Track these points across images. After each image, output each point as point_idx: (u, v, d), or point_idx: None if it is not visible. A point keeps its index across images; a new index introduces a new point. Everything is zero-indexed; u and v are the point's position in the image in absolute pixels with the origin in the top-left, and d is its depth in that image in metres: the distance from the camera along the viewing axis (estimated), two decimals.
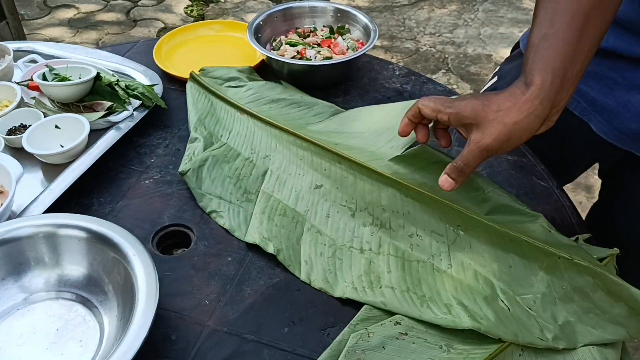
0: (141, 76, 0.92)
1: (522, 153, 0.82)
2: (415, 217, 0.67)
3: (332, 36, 0.97)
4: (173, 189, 0.76)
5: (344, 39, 0.96)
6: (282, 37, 0.98)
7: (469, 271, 0.61)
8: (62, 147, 0.78)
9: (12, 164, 0.73)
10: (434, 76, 2.42)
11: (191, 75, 0.89)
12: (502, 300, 0.58)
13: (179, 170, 0.75)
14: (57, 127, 0.81)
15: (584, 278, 0.58)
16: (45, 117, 0.82)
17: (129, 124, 0.82)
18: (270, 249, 0.66)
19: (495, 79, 0.94)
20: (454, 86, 2.37)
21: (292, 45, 0.94)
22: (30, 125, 0.82)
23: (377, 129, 0.75)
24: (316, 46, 0.95)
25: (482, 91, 0.93)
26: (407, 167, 0.70)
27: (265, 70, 0.97)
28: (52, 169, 0.78)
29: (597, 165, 0.89)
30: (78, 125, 0.80)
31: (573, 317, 0.57)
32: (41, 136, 0.79)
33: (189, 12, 2.87)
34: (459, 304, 0.58)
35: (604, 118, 0.73)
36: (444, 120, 0.60)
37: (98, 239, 0.61)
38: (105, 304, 0.61)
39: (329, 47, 0.94)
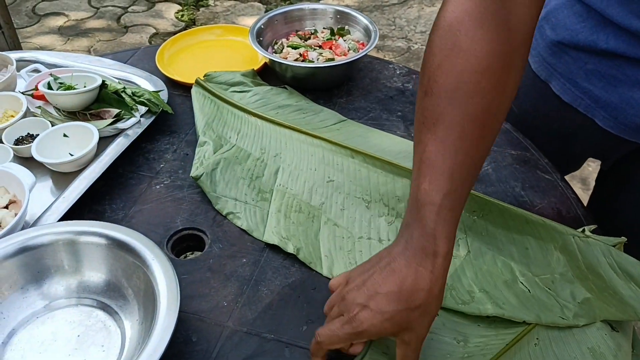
0: (146, 83, 0.92)
1: (525, 147, 0.84)
2: None
3: (333, 38, 0.98)
4: (184, 193, 0.77)
5: (344, 41, 0.97)
6: (284, 39, 0.99)
7: (487, 256, 0.63)
8: (72, 155, 0.78)
9: (24, 174, 0.73)
10: None
11: (196, 81, 0.90)
12: (522, 283, 0.60)
13: (192, 174, 0.76)
14: (65, 135, 0.81)
15: (597, 257, 0.60)
16: (52, 126, 0.82)
17: (137, 131, 0.83)
18: (290, 248, 0.67)
19: None
20: None
21: (294, 47, 0.95)
22: (37, 135, 0.82)
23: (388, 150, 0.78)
24: (318, 48, 0.96)
25: None
26: None
27: (268, 73, 0.98)
28: (61, 178, 0.79)
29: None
30: (86, 133, 0.80)
31: (591, 294, 0.59)
32: (50, 145, 0.80)
33: (179, 16, 2.87)
34: (481, 290, 0.60)
35: (608, 114, 0.74)
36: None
37: (117, 245, 0.62)
38: (125, 308, 0.62)
39: (330, 48, 0.95)
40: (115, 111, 0.85)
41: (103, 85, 0.87)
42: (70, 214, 0.71)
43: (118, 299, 0.62)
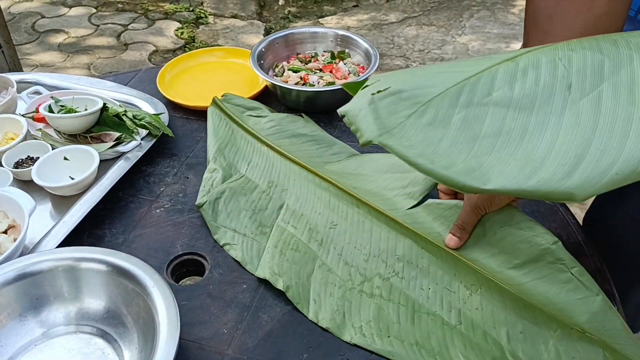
0: (146, 105, 0.93)
1: None
2: (429, 271, 0.66)
3: (333, 61, 0.99)
4: (184, 217, 0.77)
5: (345, 64, 0.98)
6: (284, 63, 1.00)
7: (479, 330, 0.60)
8: (72, 178, 0.78)
9: (24, 198, 0.73)
10: None
11: (213, 101, 0.89)
12: None
13: (197, 202, 0.76)
14: (65, 158, 0.81)
15: (595, 350, 0.57)
16: (52, 149, 0.82)
17: (137, 154, 0.83)
18: (280, 284, 0.66)
19: None
20: None
21: (295, 71, 0.95)
22: (37, 158, 0.82)
23: (389, 170, 0.77)
24: (318, 71, 0.96)
25: None
26: (425, 214, 0.70)
27: (269, 96, 0.98)
28: (61, 201, 0.79)
29: None
30: (86, 157, 0.80)
31: None
32: (50, 168, 0.80)
33: (179, 34, 2.89)
34: None
35: None
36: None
37: (117, 272, 0.61)
38: (125, 336, 0.61)
39: (331, 72, 0.96)
40: (116, 134, 0.85)
41: (104, 108, 0.87)
42: (70, 239, 0.71)
43: (117, 326, 0.62)
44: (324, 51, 1.02)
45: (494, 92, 0.37)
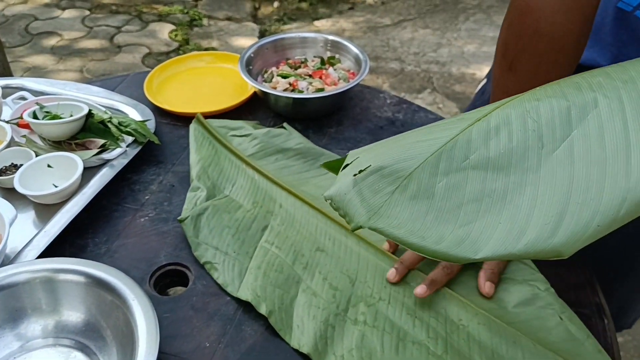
0: (133, 111, 0.91)
1: None
2: (417, 302, 0.65)
3: (323, 67, 0.98)
4: (169, 226, 0.75)
5: (335, 70, 0.97)
6: (274, 68, 0.99)
7: None
8: (56, 186, 0.77)
9: (5, 207, 0.72)
10: (419, 95, 2.45)
11: (197, 117, 0.88)
12: None
13: (179, 218, 0.74)
14: (49, 166, 0.80)
15: None
16: (36, 156, 0.81)
17: (122, 161, 0.82)
18: (263, 309, 0.64)
19: (485, 80, 0.97)
20: (440, 105, 2.40)
21: (284, 77, 0.94)
22: (21, 165, 0.81)
23: None
24: (308, 77, 0.95)
25: (475, 92, 1.00)
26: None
27: (258, 102, 0.97)
28: (44, 209, 0.78)
29: None
30: (71, 164, 0.79)
31: None
32: (33, 176, 0.79)
33: (173, 36, 2.88)
34: None
35: None
36: None
37: (96, 284, 0.60)
38: (104, 350, 0.60)
39: (320, 77, 0.95)
40: (100, 141, 0.84)
41: (89, 114, 0.85)
42: (52, 248, 0.70)
43: (97, 339, 0.61)
44: (314, 56, 1.01)
45: (471, 155, 0.38)
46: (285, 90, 0.92)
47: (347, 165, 0.41)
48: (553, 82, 0.39)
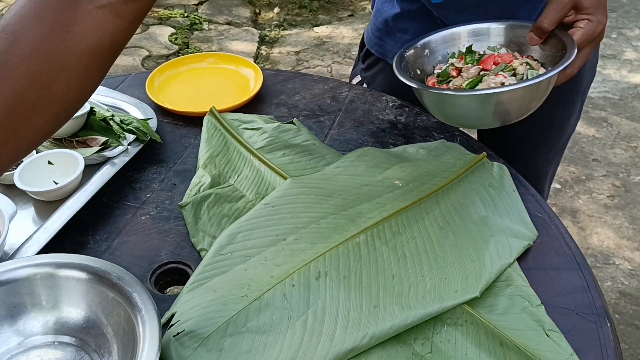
0: (135, 110, 0.91)
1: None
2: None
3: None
4: (170, 225, 0.75)
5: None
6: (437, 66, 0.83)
7: None
8: (56, 183, 0.76)
9: (5, 203, 0.71)
10: None
11: (211, 110, 0.88)
12: None
13: (180, 203, 0.75)
14: (50, 162, 0.80)
15: None
16: (37, 152, 0.81)
17: (124, 159, 0.81)
18: None
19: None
20: None
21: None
22: (21, 162, 0.80)
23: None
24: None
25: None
26: None
27: (260, 103, 0.97)
28: (44, 206, 0.77)
29: (582, 186, 0.92)
30: (71, 161, 0.79)
31: None
32: (33, 172, 0.78)
33: (173, 40, 2.88)
34: None
35: None
36: None
37: (97, 280, 0.59)
38: (104, 347, 0.59)
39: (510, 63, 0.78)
40: (102, 139, 0.83)
41: (91, 112, 0.85)
42: (52, 245, 0.69)
43: (97, 337, 0.60)
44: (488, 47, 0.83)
45: (248, 323, 0.59)
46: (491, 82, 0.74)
47: (172, 325, 0.59)
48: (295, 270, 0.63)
